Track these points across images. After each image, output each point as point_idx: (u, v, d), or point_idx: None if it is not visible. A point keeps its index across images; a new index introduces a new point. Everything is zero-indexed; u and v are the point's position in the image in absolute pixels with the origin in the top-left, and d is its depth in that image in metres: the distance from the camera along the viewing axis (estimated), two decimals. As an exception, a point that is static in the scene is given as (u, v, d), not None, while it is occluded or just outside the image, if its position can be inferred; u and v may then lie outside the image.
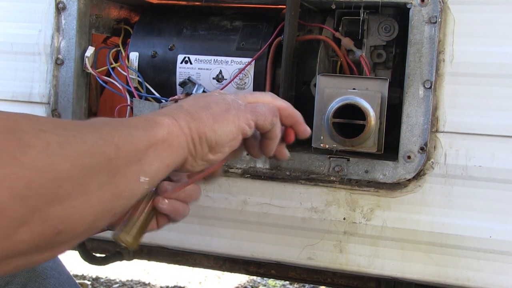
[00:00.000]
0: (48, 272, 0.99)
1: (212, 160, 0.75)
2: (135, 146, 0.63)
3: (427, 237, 1.07)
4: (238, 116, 0.76)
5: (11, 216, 0.50)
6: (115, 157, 0.60)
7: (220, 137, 0.74)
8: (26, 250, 0.54)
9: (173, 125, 0.69)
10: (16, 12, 1.26)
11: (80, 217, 0.56)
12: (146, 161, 0.64)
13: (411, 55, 1.05)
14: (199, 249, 1.22)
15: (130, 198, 0.63)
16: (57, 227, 0.54)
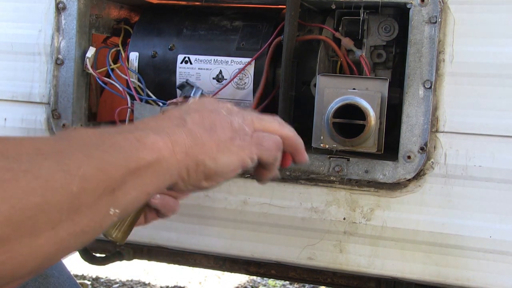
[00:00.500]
0: (48, 271, 0.99)
1: (205, 187, 0.70)
2: (110, 174, 0.55)
3: (427, 237, 1.07)
4: (243, 148, 0.70)
5: None
6: (78, 191, 0.52)
7: (220, 167, 0.68)
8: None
9: (166, 148, 0.62)
10: (16, 12, 1.26)
11: (22, 261, 0.50)
12: (121, 191, 0.56)
13: (411, 55, 1.05)
14: (199, 249, 1.22)
15: (93, 233, 0.55)
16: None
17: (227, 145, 0.68)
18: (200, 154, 0.65)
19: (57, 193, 0.50)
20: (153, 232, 1.23)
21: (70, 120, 1.21)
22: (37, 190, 0.49)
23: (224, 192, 1.17)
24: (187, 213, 1.20)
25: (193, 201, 1.19)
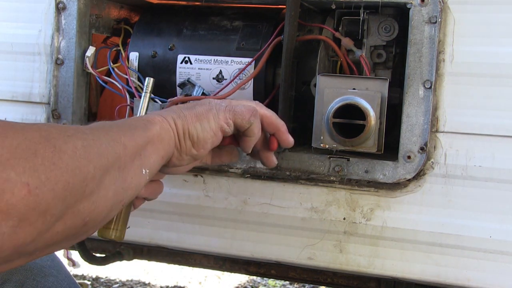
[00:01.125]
0: (46, 271, 0.99)
1: (196, 155, 0.84)
2: (137, 143, 0.72)
3: (427, 237, 1.07)
4: (218, 115, 0.85)
5: (52, 213, 0.58)
6: (123, 155, 0.69)
7: (201, 133, 0.83)
8: (59, 241, 0.62)
9: (163, 121, 0.80)
10: (16, 12, 1.26)
11: (101, 209, 0.65)
12: (146, 155, 0.74)
13: (411, 55, 1.05)
14: (199, 249, 1.22)
15: (136, 188, 0.73)
16: (84, 219, 0.63)
17: (204, 115, 0.84)
18: (184, 124, 0.81)
19: (113, 156, 0.67)
20: (153, 232, 1.23)
21: (70, 120, 1.21)
22: (103, 154, 0.65)
23: (224, 192, 1.17)
24: (187, 213, 1.20)
25: (193, 201, 1.19)
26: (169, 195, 1.20)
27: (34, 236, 0.58)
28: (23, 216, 0.55)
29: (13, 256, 0.58)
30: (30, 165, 0.57)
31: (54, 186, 0.58)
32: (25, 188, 0.55)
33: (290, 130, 1.15)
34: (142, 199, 0.94)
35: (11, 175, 0.55)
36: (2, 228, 0.54)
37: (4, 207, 0.54)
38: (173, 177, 1.20)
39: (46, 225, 0.58)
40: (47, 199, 0.57)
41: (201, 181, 1.19)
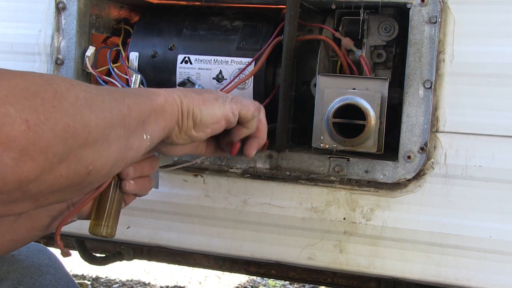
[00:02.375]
0: (44, 269, 0.99)
1: (194, 136, 0.84)
2: (141, 109, 0.74)
3: (427, 237, 1.07)
4: (224, 104, 0.86)
5: (54, 151, 0.59)
6: (127, 115, 0.70)
7: (205, 116, 0.83)
8: (63, 186, 0.63)
9: (169, 95, 0.81)
10: (16, 12, 1.26)
11: (104, 161, 0.66)
12: (148, 122, 0.75)
13: (411, 55, 1.05)
14: (199, 249, 1.22)
15: (137, 151, 0.74)
16: (88, 167, 0.64)
17: (210, 101, 0.85)
18: (189, 104, 0.82)
19: (117, 113, 0.69)
20: (153, 232, 1.23)
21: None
22: (106, 109, 0.67)
23: (224, 192, 1.17)
24: (187, 213, 1.20)
25: (193, 201, 1.19)
26: (169, 195, 1.20)
27: (38, 174, 0.58)
28: (24, 150, 0.56)
29: (17, 194, 0.59)
30: (29, 104, 0.58)
31: (54, 126, 0.59)
32: (24, 123, 0.57)
33: (290, 130, 1.16)
34: (133, 195, 0.95)
35: (10, 110, 0.56)
36: (4, 159, 0.55)
37: (5, 139, 0.55)
38: (173, 177, 1.20)
39: (49, 164, 0.59)
40: (47, 137, 0.58)
41: (201, 181, 1.19)
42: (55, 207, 0.90)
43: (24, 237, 0.91)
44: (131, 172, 0.90)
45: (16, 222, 0.89)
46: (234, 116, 0.87)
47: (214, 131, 0.86)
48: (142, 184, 0.93)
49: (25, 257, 0.99)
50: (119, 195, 0.91)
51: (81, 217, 0.94)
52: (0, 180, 0.56)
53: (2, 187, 0.57)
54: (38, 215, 0.90)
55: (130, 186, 0.90)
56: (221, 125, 0.86)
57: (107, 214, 0.90)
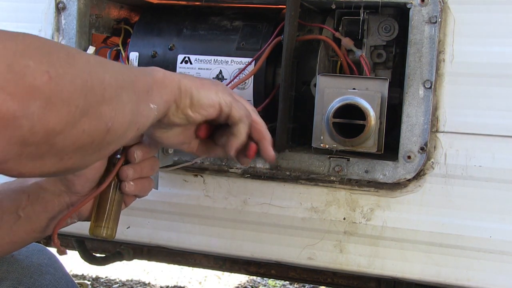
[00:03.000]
0: (43, 269, 0.99)
1: (190, 116, 0.84)
2: (146, 80, 0.76)
3: (427, 237, 1.07)
4: (222, 92, 0.87)
5: (76, 104, 0.61)
6: (135, 81, 0.73)
7: (202, 98, 0.84)
8: (85, 143, 0.64)
9: (167, 72, 0.82)
10: (16, 12, 1.26)
11: (121, 120, 0.68)
12: (152, 94, 0.77)
13: (411, 55, 1.05)
14: (199, 249, 1.22)
15: (147, 119, 0.75)
16: (107, 124, 0.66)
17: (208, 86, 0.87)
18: (187, 84, 0.84)
19: (127, 78, 0.71)
20: (153, 232, 1.23)
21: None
22: (118, 72, 0.70)
23: (224, 192, 1.17)
24: (187, 213, 1.20)
25: (193, 201, 1.19)
26: (169, 195, 1.20)
27: (63, 126, 0.60)
28: (48, 100, 0.58)
29: (44, 147, 0.60)
30: (47, 59, 0.59)
31: (73, 80, 0.61)
32: (45, 74, 0.58)
33: (290, 130, 1.16)
34: (133, 196, 0.95)
35: (29, 63, 0.57)
36: (31, 107, 0.56)
37: (29, 88, 0.56)
38: (173, 177, 1.20)
39: (72, 117, 0.61)
40: (69, 89, 0.60)
41: (201, 181, 1.19)
42: (55, 208, 0.90)
43: (23, 239, 0.91)
44: (131, 173, 0.90)
45: (16, 224, 0.89)
46: (227, 106, 0.87)
47: (209, 115, 0.86)
48: (142, 185, 0.93)
49: (24, 257, 0.99)
50: (119, 196, 0.91)
51: (81, 218, 0.94)
52: (29, 129, 0.57)
53: (30, 138, 0.57)
54: (37, 217, 0.90)
55: (130, 187, 0.91)
56: (216, 109, 0.86)
57: (107, 215, 0.90)
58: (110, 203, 0.90)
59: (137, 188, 0.92)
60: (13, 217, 0.88)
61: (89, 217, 0.92)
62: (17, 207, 0.89)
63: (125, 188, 0.90)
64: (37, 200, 0.90)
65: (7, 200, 0.89)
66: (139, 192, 0.93)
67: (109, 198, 0.91)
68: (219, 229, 1.19)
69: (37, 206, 0.90)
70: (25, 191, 0.90)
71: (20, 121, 0.56)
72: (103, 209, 0.91)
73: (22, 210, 0.89)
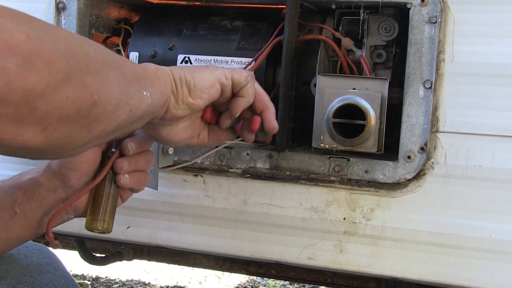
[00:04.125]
0: (43, 268, 0.99)
1: (192, 103, 0.84)
2: (135, 68, 0.75)
3: (427, 237, 1.07)
4: (216, 70, 0.87)
5: (57, 67, 0.59)
6: (122, 65, 0.71)
7: (198, 81, 0.83)
8: (70, 113, 0.62)
9: (158, 66, 0.82)
10: (16, 12, 1.26)
11: (108, 93, 0.66)
12: (144, 83, 0.75)
13: (411, 55, 1.05)
14: (199, 249, 1.22)
15: (140, 102, 0.73)
16: (93, 95, 0.64)
17: (202, 68, 0.86)
18: (180, 72, 0.83)
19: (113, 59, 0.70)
20: (153, 232, 1.23)
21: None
22: (103, 50, 0.69)
23: (224, 192, 1.17)
24: (187, 213, 1.20)
25: (193, 201, 1.19)
26: (169, 195, 1.20)
27: (43, 87, 0.58)
28: (27, 58, 0.56)
29: (24, 110, 0.58)
30: (26, 24, 0.57)
31: (54, 44, 0.59)
32: (23, 34, 0.56)
33: (290, 130, 1.16)
34: (129, 191, 0.95)
35: (7, 22, 0.55)
36: (7, 63, 0.54)
37: (5, 45, 0.54)
38: (173, 177, 1.20)
39: (53, 79, 0.59)
40: (49, 50, 0.58)
41: (201, 181, 1.19)
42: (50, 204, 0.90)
43: (20, 235, 0.91)
44: (126, 166, 0.90)
45: (12, 220, 0.89)
46: (227, 79, 0.86)
47: (211, 96, 0.85)
48: (137, 178, 0.92)
49: (24, 256, 0.99)
50: (114, 189, 0.92)
51: (77, 214, 0.94)
52: (5, 86, 0.55)
53: (8, 96, 0.56)
54: (33, 213, 0.90)
55: (125, 180, 0.90)
56: (217, 89, 0.85)
57: (103, 209, 0.90)
58: (105, 196, 0.91)
59: (132, 181, 0.91)
60: (9, 213, 0.89)
61: (85, 212, 0.93)
62: (13, 203, 0.89)
63: (120, 181, 0.90)
64: (33, 195, 0.90)
65: (2, 196, 0.89)
66: (135, 185, 0.93)
67: (105, 191, 0.91)
68: (219, 229, 1.19)
69: (33, 202, 0.90)
70: (20, 187, 0.90)
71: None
72: (98, 202, 0.91)
73: (18, 206, 0.89)
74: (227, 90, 0.87)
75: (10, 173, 0.99)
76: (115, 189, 0.92)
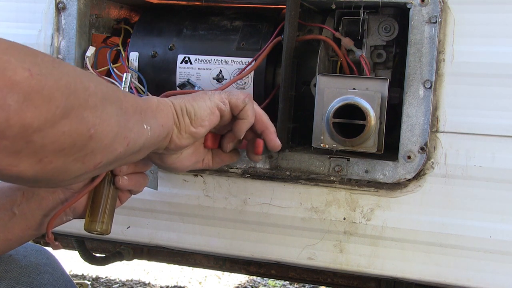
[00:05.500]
0: (41, 268, 0.99)
1: (194, 132, 0.86)
2: (137, 101, 0.77)
3: (427, 237, 1.07)
4: (213, 96, 0.89)
5: (56, 104, 0.61)
6: (123, 100, 0.73)
7: (198, 110, 0.86)
8: (65, 146, 0.63)
9: (160, 98, 0.84)
10: (16, 12, 1.26)
11: (105, 128, 0.68)
12: (146, 117, 0.77)
13: (411, 55, 1.05)
14: (199, 249, 1.22)
15: (139, 136, 0.75)
16: (89, 129, 0.65)
17: (199, 96, 0.88)
18: (181, 103, 0.85)
19: (113, 94, 0.71)
20: (153, 232, 1.23)
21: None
22: (103, 84, 0.70)
23: (224, 192, 1.17)
24: (187, 213, 1.20)
25: (193, 201, 1.19)
26: (169, 195, 1.20)
27: (41, 123, 0.59)
28: (27, 95, 0.58)
29: (20, 143, 0.59)
30: (30, 59, 0.59)
31: (56, 80, 0.61)
32: (26, 71, 0.58)
33: (290, 130, 1.16)
34: (127, 192, 0.96)
35: (11, 59, 0.57)
36: (7, 100, 0.56)
37: (8, 82, 0.56)
38: (173, 177, 1.20)
39: (52, 115, 0.60)
40: (50, 87, 0.60)
41: (201, 181, 1.19)
42: (49, 205, 0.90)
43: (18, 236, 0.91)
44: (124, 168, 0.91)
45: (11, 221, 0.89)
46: (224, 104, 0.89)
47: (211, 122, 0.88)
48: (136, 180, 0.94)
49: (22, 256, 1.00)
50: (113, 191, 0.92)
51: (76, 215, 0.94)
52: (4, 121, 0.56)
53: (6, 130, 0.57)
54: (32, 214, 0.90)
55: (124, 182, 0.91)
56: (216, 115, 0.88)
57: (102, 210, 0.91)
58: (104, 198, 0.91)
59: (131, 182, 0.92)
60: (8, 214, 0.89)
61: (84, 214, 0.93)
62: (12, 204, 0.89)
63: (118, 182, 0.91)
64: (32, 197, 0.90)
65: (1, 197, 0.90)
66: (133, 186, 0.94)
67: (103, 193, 0.91)
68: (219, 229, 1.19)
69: (32, 203, 0.90)
70: (20, 188, 0.90)
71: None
72: (97, 204, 0.91)
73: (17, 207, 0.89)
74: (226, 114, 0.89)
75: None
76: (113, 191, 0.92)
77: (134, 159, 0.80)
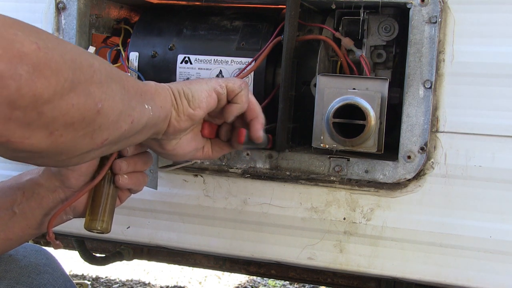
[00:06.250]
0: (41, 268, 0.99)
1: (193, 114, 0.86)
2: (137, 83, 0.78)
3: (427, 237, 1.07)
4: (210, 80, 0.90)
5: (64, 76, 0.62)
6: (125, 80, 0.74)
7: (195, 92, 0.87)
8: (75, 119, 0.65)
9: (157, 83, 0.85)
10: (16, 12, 1.26)
11: (111, 104, 0.69)
12: (145, 98, 0.78)
13: (411, 55, 1.05)
14: (199, 249, 1.22)
15: (141, 115, 0.76)
16: (97, 104, 0.67)
17: (197, 81, 0.90)
18: (178, 86, 0.86)
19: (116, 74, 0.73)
20: (153, 232, 1.23)
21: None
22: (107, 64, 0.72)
23: (224, 192, 1.17)
24: (187, 213, 1.20)
25: (193, 201, 1.19)
26: (169, 195, 1.20)
27: (51, 94, 0.61)
28: (36, 66, 0.59)
29: (32, 114, 0.61)
30: (35, 35, 0.61)
31: (62, 54, 0.63)
32: (34, 44, 0.60)
33: (290, 130, 1.16)
34: (127, 191, 0.96)
35: (18, 32, 0.59)
36: (18, 70, 0.58)
37: (17, 53, 0.58)
38: (173, 177, 1.20)
39: (61, 87, 0.62)
40: (57, 60, 0.62)
41: (201, 181, 1.19)
42: (49, 204, 0.91)
43: (19, 236, 0.91)
44: (124, 166, 0.91)
45: (11, 220, 0.89)
46: (221, 88, 0.90)
47: (209, 105, 0.88)
48: (136, 179, 0.94)
49: (22, 256, 1.00)
50: (113, 190, 0.92)
51: (76, 214, 0.94)
52: (16, 91, 0.58)
53: (18, 100, 0.59)
54: (33, 213, 0.90)
55: (124, 180, 0.92)
56: (213, 98, 0.89)
57: (102, 209, 0.91)
58: (104, 196, 0.91)
59: (130, 181, 0.93)
60: (8, 214, 0.89)
61: (84, 212, 0.93)
62: (12, 204, 0.89)
63: (118, 181, 0.91)
64: (32, 196, 0.90)
65: (2, 196, 0.90)
66: (133, 185, 0.94)
67: (103, 192, 0.91)
68: (219, 229, 1.19)
69: (32, 202, 0.90)
70: (20, 187, 0.90)
71: (7, 81, 0.57)
72: (97, 202, 0.91)
73: (17, 206, 0.89)
74: (223, 98, 0.90)
75: (10, 173, 0.99)
76: (113, 190, 0.92)
77: (138, 139, 0.81)
